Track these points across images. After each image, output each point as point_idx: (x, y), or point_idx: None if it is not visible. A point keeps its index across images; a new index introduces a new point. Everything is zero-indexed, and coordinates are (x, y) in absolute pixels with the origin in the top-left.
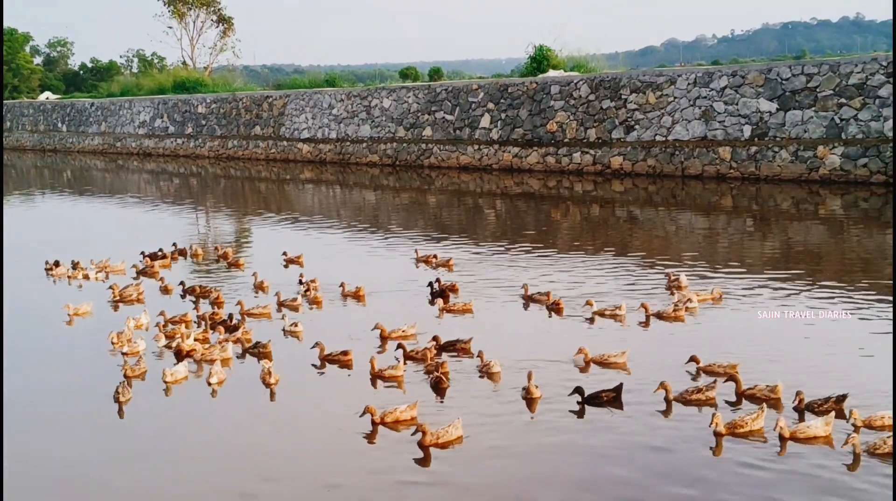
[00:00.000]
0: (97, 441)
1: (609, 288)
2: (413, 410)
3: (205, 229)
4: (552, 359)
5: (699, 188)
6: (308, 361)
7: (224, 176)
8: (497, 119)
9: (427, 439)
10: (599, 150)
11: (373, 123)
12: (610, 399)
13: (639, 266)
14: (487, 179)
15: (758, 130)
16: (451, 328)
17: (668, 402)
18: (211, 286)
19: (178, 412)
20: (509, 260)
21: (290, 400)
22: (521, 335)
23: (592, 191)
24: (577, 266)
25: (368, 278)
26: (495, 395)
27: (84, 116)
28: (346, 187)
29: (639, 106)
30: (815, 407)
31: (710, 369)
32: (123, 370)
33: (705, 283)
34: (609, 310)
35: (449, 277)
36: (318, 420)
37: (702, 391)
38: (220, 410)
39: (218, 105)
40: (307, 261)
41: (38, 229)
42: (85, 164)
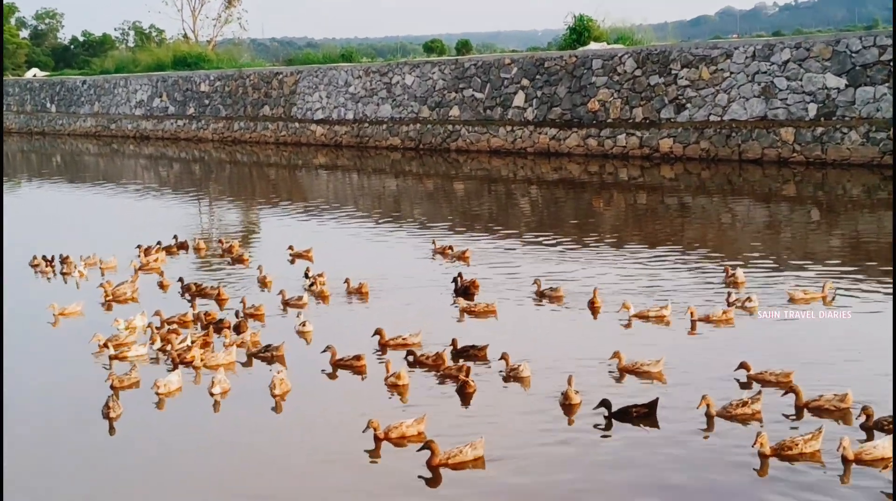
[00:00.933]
0: (85, 463)
1: (653, 286)
2: (420, 424)
3: (208, 221)
4: (586, 364)
5: (758, 174)
6: (318, 366)
7: (229, 161)
8: (532, 97)
9: (436, 459)
10: (647, 131)
11: (394, 102)
12: (641, 415)
13: (690, 262)
14: (521, 165)
15: (824, 108)
16: (471, 330)
17: (709, 417)
18: (209, 285)
19: (174, 430)
20: (543, 254)
21: (296, 414)
22: (549, 337)
23: (639, 177)
24: (619, 261)
25: (384, 274)
26: (524, 407)
27: (75, 96)
28: (364, 174)
29: (691, 82)
30: (884, 425)
31: (762, 377)
32: (109, 380)
33: (764, 281)
34: (653, 311)
35: (467, 270)
36: (322, 440)
37: (747, 404)
38: (219, 425)
39: (222, 83)
40: (318, 255)
41: (25, 220)
42: (76, 148)
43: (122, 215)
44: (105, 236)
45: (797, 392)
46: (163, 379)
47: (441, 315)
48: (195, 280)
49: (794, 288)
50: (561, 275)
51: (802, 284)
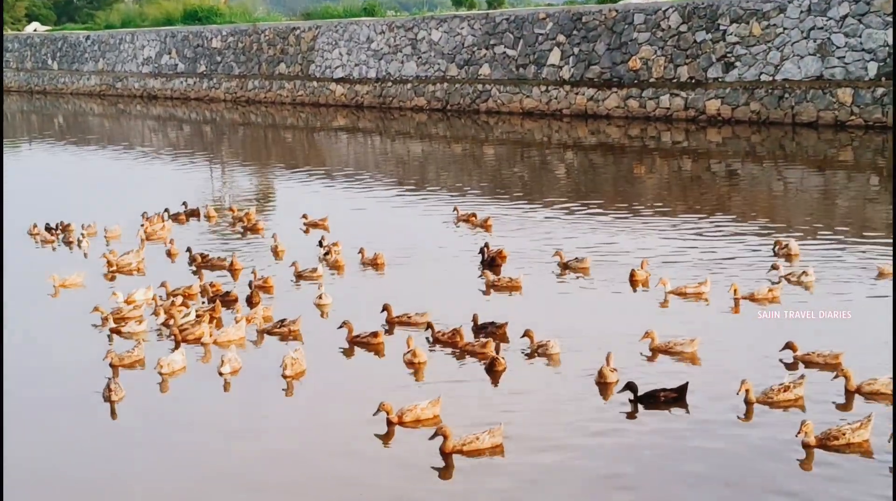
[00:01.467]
0: (84, 449)
1: (695, 260)
2: (436, 406)
3: (220, 187)
4: (617, 341)
5: (813, 139)
6: (334, 343)
7: (243, 123)
8: (569, 55)
9: (449, 445)
10: (692, 92)
11: (419, 59)
12: (670, 400)
13: (738, 233)
14: (556, 128)
15: (885, 67)
16: (495, 305)
17: (748, 404)
18: (217, 255)
19: (177, 414)
20: (579, 224)
21: (308, 397)
22: (578, 313)
23: (683, 142)
24: (660, 233)
25: (406, 244)
26: (553, 388)
27: (78, 52)
28: (387, 137)
29: (740, 39)
30: None
31: (809, 358)
32: (108, 358)
33: (818, 254)
34: (691, 288)
35: (493, 239)
36: (336, 422)
37: (789, 389)
38: (227, 408)
39: (236, 39)
40: (335, 225)
41: (25, 185)
42: (80, 108)
43: (127, 180)
44: (110, 203)
45: (847, 376)
46: (166, 358)
47: (463, 289)
48: (205, 250)
49: (885, 262)
50: (596, 247)
51: (863, 258)
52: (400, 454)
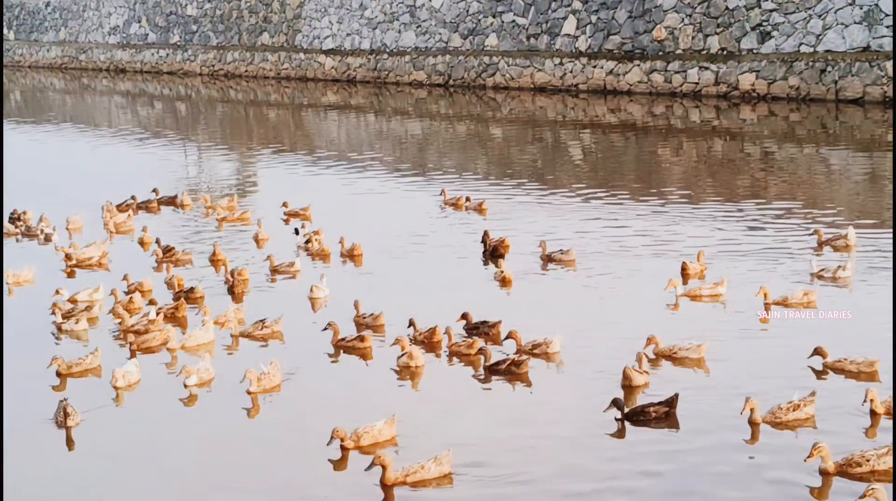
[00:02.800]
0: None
1: (725, 252)
2: (392, 427)
3: (196, 171)
4: (618, 346)
5: (859, 117)
6: (320, 345)
7: (221, 100)
8: (585, 23)
9: (390, 476)
10: (724, 65)
11: (419, 28)
12: (661, 415)
13: (774, 224)
14: (571, 105)
15: None
16: (492, 302)
17: (753, 425)
18: (182, 249)
19: (134, 436)
20: (595, 212)
21: (278, 412)
22: (568, 312)
23: (714, 120)
24: (687, 222)
25: (399, 233)
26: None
27: (37, 21)
28: (383, 115)
29: (778, 5)
30: None
31: (840, 366)
32: (55, 365)
33: (862, 247)
34: (707, 289)
35: (493, 226)
36: (296, 448)
37: (799, 407)
38: (187, 430)
39: (213, 5)
40: (322, 213)
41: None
42: (39, 83)
43: (92, 163)
44: (72, 190)
45: (872, 399)
46: (120, 369)
47: (456, 283)
48: (176, 242)
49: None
50: (615, 236)
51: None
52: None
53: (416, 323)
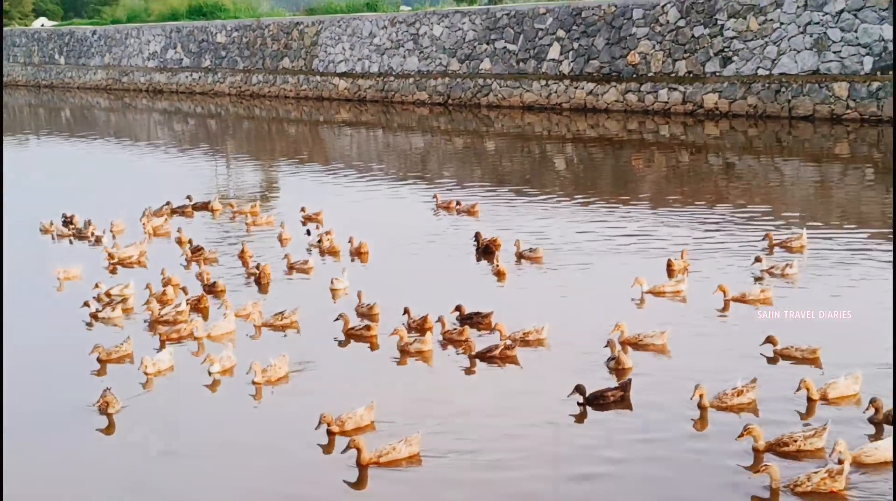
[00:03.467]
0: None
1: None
2: (371, 413)
3: (225, 180)
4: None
5: (809, 132)
6: (331, 335)
7: (247, 117)
8: (568, 50)
9: (364, 457)
10: (690, 86)
11: (421, 54)
12: (618, 399)
13: (734, 227)
14: (556, 121)
15: (881, 62)
16: (481, 295)
17: (702, 409)
18: (209, 250)
19: (168, 420)
20: (576, 215)
21: (298, 400)
22: (551, 306)
23: (681, 135)
24: (659, 226)
25: (402, 234)
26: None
27: (85, 47)
28: (390, 131)
29: (738, 34)
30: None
31: (788, 352)
32: (96, 353)
33: (812, 247)
34: (669, 287)
35: (485, 226)
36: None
37: (742, 393)
38: (207, 415)
39: (240, 34)
40: (335, 215)
41: (33, 178)
42: (86, 102)
43: (133, 173)
44: (116, 196)
45: (808, 387)
46: (150, 358)
47: (451, 277)
48: (209, 243)
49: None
50: (592, 237)
51: (855, 250)
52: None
53: (410, 311)
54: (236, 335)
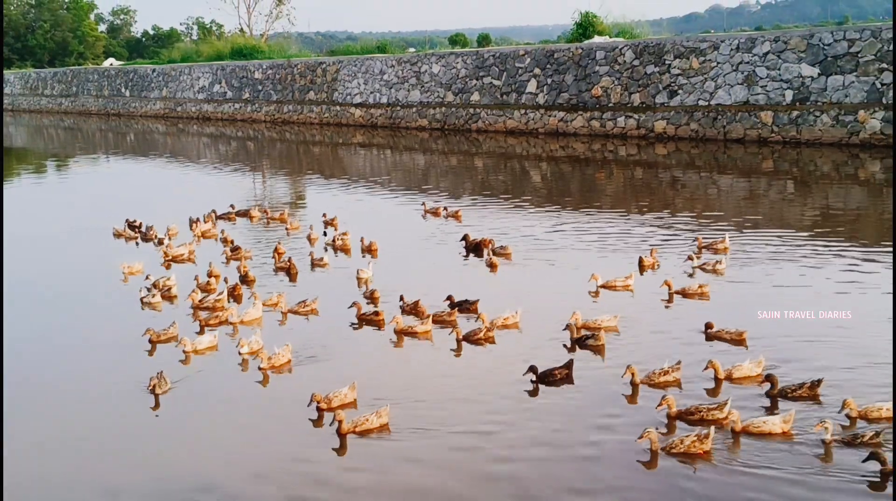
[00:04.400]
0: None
1: (632, 251)
2: (353, 391)
3: (261, 191)
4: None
5: (741, 152)
6: (346, 320)
7: (279, 139)
8: (543, 84)
9: (344, 427)
10: (643, 114)
11: (422, 88)
12: (564, 376)
13: (679, 230)
14: (533, 143)
15: (799, 94)
16: (469, 285)
17: (634, 386)
18: (245, 249)
19: (203, 393)
20: (547, 219)
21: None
22: (526, 295)
23: (636, 155)
24: (613, 228)
25: (402, 234)
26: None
27: (146, 82)
28: (397, 151)
29: (682, 71)
30: (787, 393)
31: (719, 334)
32: (148, 335)
33: (741, 247)
34: (619, 281)
35: (473, 228)
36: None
37: (668, 372)
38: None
39: (274, 71)
40: (350, 219)
41: (103, 190)
42: (147, 127)
43: (185, 185)
44: (171, 205)
45: (716, 368)
46: (191, 339)
47: (443, 269)
48: (249, 243)
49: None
50: (553, 238)
51: (778, 249)
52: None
53: (404, 297)
54: (263, 321)
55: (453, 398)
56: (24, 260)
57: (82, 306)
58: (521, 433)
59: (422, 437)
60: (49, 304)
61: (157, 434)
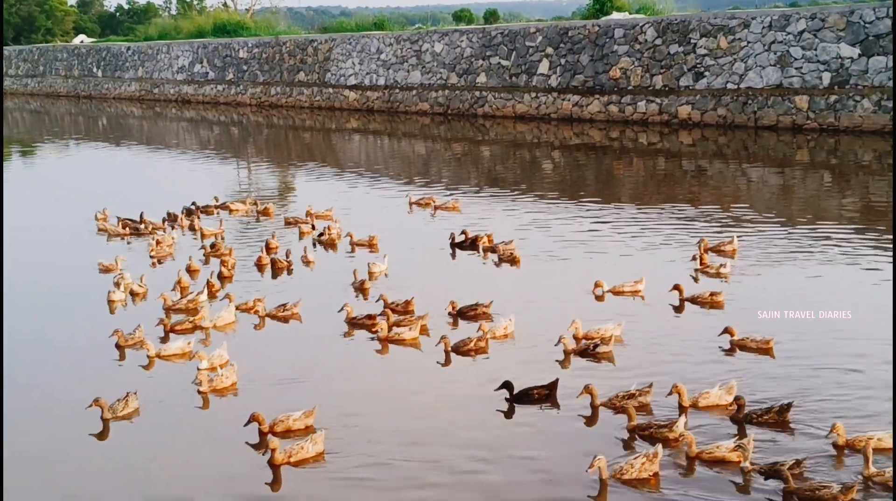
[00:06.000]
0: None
1: (653, 253)
2: (309, 418)
3: (246, 182)
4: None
5: (773, 140)
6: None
7: (266, 125)
8: (556, 65)
9: (278, 457)
10: (666, 98)
11: (423, 68)
12: (542, 396)
13: (703, 227)
14: (545, 130)
15: (838, 77)
16: (468, 282)
17: (593, 408)
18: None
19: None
20: (559, 215)
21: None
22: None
23: (658, 143)
24: (632, 225)
25: (400, 228)
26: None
27: (120, 61)
28: (395, 138)
29: (709, 51)
30: (754, 418)
31: (744, 343)
32: (115, 337)
33: (773, 244)
34: (628, 286)
35: (462, 221)
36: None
37: (634, 396)
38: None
39: (260, 50)
40: (343, 213)
41: (72, 179)
42: (121, 111)
43: (163, 175)
44: (148, 196)
45: (680, 393)
46: (160, 345)
47: (446, 265)
48: (233, 238)
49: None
50: (564, 234)
51: (814, 249)
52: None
53: (385, 297)
54: (237, 327)
55: (414, 427)
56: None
57: (52, 306)
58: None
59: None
60: (16, 303)
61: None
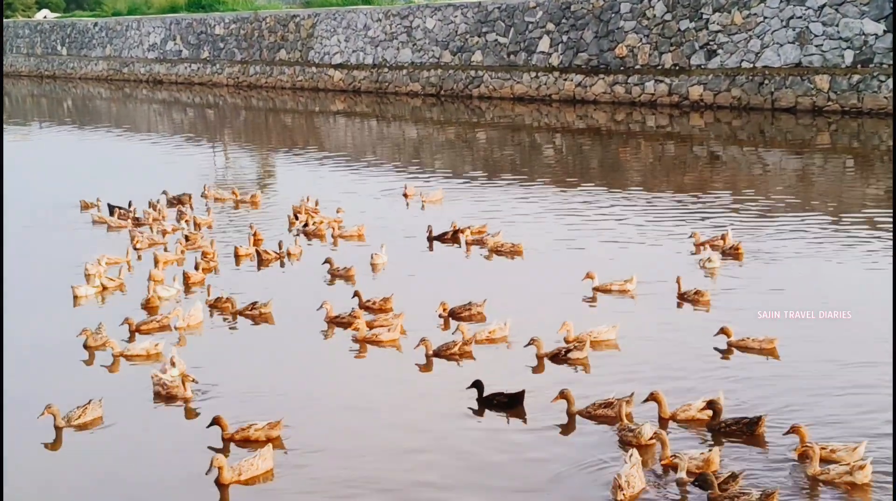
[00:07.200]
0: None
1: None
2: (275, 429)
3: (223, 169)
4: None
5: (791, 123)
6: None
7: (245, 107)
8: (557, 42)
9: (225, 476)
10: (676, 78)
11: (414, 46)
12: (502, 404)
13: (715, 216)
14: (546, 112)
15: (861, 55)
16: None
17: (570, 416)
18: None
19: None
20: (563, 206)
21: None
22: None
23: (667, 126)
24: (641, 215)
25: (390, 218)
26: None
27: (86, 38)
28: (384, 121)
29: (722, 27)
30: (721, 428)
31: (744, 344)
32: (83, 337)
33: (789, 234)
34: (616, 285)
35: (442, 212)
36: None
37: (612, 405)
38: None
39: (238, 26)
40: (330, 202)
41: (36, 167)
42: (88, 92)
43: (134, 162)
44: (117, 185)
45: (660, 402)
46: (125, 345)
47: (434, 257)
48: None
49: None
50: (566, 225)
51: (829, 238)
52: None
53: (360, 294)
54: (204, 327)
55: (378, 440)
56: None
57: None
58: None
59: None
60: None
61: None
